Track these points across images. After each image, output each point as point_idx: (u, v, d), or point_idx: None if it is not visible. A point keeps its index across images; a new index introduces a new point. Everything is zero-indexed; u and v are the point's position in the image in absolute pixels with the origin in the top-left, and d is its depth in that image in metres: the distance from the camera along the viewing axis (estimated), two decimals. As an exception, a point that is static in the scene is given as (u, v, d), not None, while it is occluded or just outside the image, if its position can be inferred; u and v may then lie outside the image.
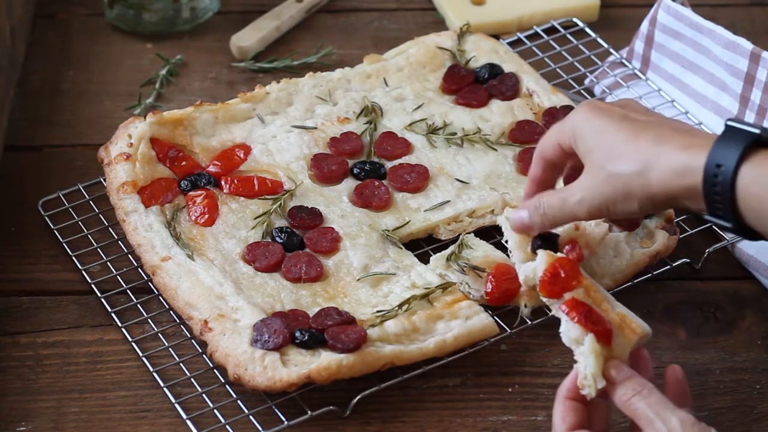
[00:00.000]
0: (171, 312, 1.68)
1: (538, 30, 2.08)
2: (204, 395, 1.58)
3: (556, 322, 1.67)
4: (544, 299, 1.55)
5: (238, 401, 1.57)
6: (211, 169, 1.79)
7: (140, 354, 1.63)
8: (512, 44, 2.05)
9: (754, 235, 1.42)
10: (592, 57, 2.04)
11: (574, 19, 2.09)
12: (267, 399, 1.57)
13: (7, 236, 1.79)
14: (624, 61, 2.01)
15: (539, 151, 1.58)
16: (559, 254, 1.58)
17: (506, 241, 1.65)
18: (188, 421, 1.55)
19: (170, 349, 1.64)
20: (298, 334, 1.57)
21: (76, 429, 1.56)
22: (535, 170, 1.59)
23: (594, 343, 1.47)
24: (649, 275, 1.70)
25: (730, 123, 1.40)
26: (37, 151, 1.92)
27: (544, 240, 1.61)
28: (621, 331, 1.49)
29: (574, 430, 1.43)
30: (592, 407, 1.46)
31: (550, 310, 1.56)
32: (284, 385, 1.53)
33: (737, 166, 1.38)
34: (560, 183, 1.64)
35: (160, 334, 1.66)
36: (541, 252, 1.57)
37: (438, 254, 1.70)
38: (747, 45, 1.83)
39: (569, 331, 1.50)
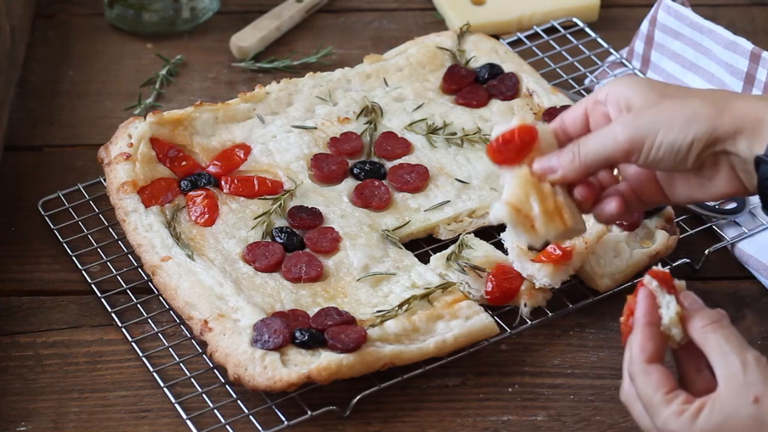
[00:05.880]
0: (171, 312, 1.68)
1: (538, 30, 2.08)
2: (204, 395, 1.58)
3: (557, 322, 1.67)
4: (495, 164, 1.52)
5: (238, 401, 1.57)
6: (211, 169, 1.79)
7: (140, 354, 1.63)
8: (512, 44, 2.05)
9: None
10: (592, 57, 2.04)
11: (574, 19, 2.09)
12: (267, 399, 1.57)
13: (7, 236, 1.79)
14: (624, 61, 2.01)
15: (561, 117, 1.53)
16: (535, 123, 1.52)
17: (503, 238, 1.66)
18: (188, 421, 1.55)
19: (170, 349, 1.64)
20: (298, 334, 1.57)
21: (76, 429, 1.56)
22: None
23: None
24: (649, 275, 1.70)
25: None
26: (37, 151, 1.92)
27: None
28: (550, 218, 1.48)
29: (652, 363, 1.39)
30: None
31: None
32: (284, 385, 1.53)
33: None
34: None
35: (160, 334, 1.66)
36: (517, 118, 1.52)
37: (438, 254, 1.71)
38: (747, 45, 1.83)
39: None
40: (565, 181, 1.49)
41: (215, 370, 1.60)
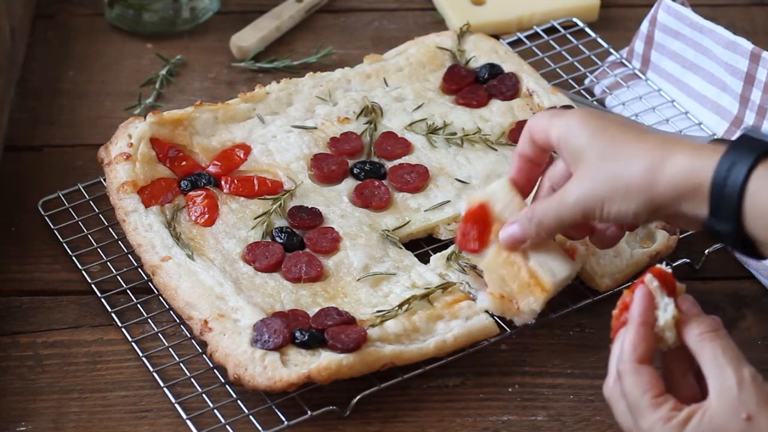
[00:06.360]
0: (171, 312, 1.68)
1: (538, 30, 2.08)
2: (204, 395, 1.58)
3: (557, 322, 1.67)
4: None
5: (238, 401, 1.57)
6: (211, 169, 1.79)
7: (140, 354, 1.63)
8: (512, 44, 2.05)
9: (745, 245, 1.39)
10: (592, 57, 2.04)
11: (574, 19, 2.09)
12: (267, 399, 1.57)
13: (7, 236, 1.79)
14: (624, 61, 2.01)
15: (518, 146, 1.58)
16: (483, 196, 1.57)
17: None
18: (188, 421, 1.55)
19: (170, 349, 1.64)
20: (298, 334, 1.57)
21: (76, 429, 1.56)
22: (515, 169, 1.58)
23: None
24: (649, 275, 1.70)
25: (746, 133, 1.39)
26: (37, 151, 1.92)
27: None
28: (529, 290, 1.54)
29: (643, 363, 1.38)
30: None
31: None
32: (284, 385, 1.53)
33: (750, 169, 1.35)
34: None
35: (160, 334, 1.66)
36: (466, 199, 1.58)
37: (438, 254, 1.71)
38: (747, 45, 1.83)
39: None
40: (536, 245, 1.54)
41: (215, 370, 1.60)
